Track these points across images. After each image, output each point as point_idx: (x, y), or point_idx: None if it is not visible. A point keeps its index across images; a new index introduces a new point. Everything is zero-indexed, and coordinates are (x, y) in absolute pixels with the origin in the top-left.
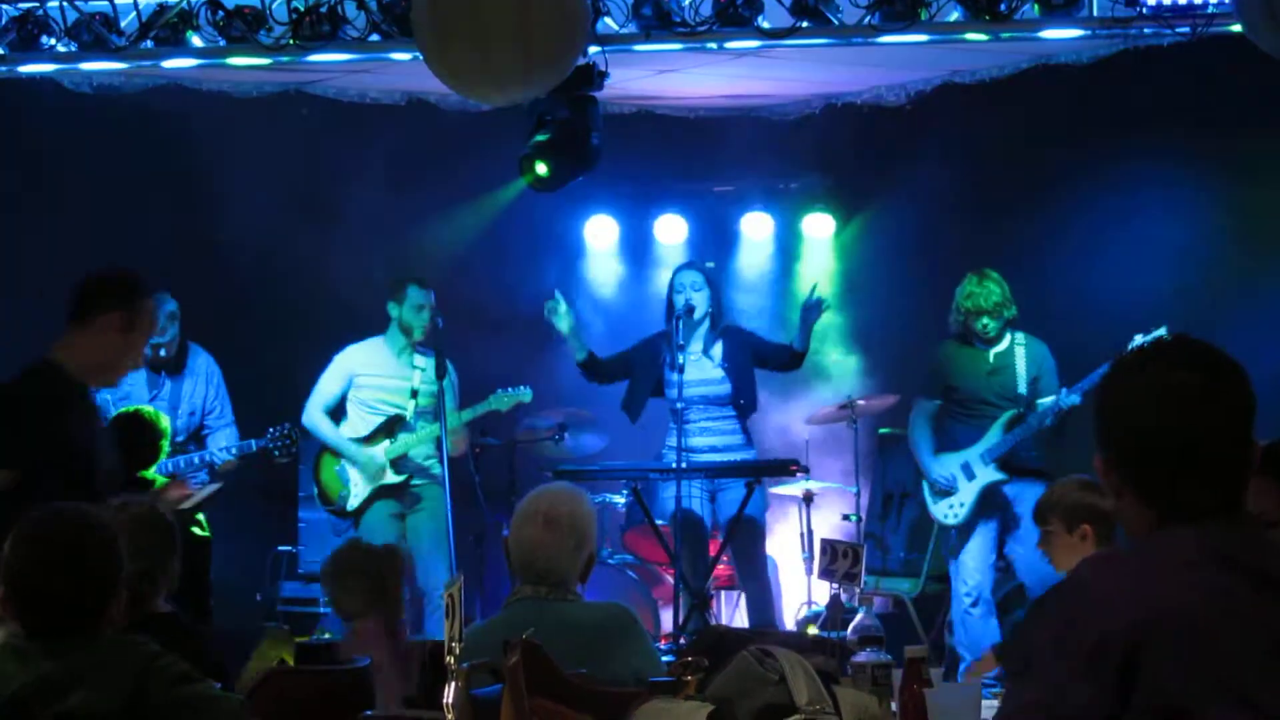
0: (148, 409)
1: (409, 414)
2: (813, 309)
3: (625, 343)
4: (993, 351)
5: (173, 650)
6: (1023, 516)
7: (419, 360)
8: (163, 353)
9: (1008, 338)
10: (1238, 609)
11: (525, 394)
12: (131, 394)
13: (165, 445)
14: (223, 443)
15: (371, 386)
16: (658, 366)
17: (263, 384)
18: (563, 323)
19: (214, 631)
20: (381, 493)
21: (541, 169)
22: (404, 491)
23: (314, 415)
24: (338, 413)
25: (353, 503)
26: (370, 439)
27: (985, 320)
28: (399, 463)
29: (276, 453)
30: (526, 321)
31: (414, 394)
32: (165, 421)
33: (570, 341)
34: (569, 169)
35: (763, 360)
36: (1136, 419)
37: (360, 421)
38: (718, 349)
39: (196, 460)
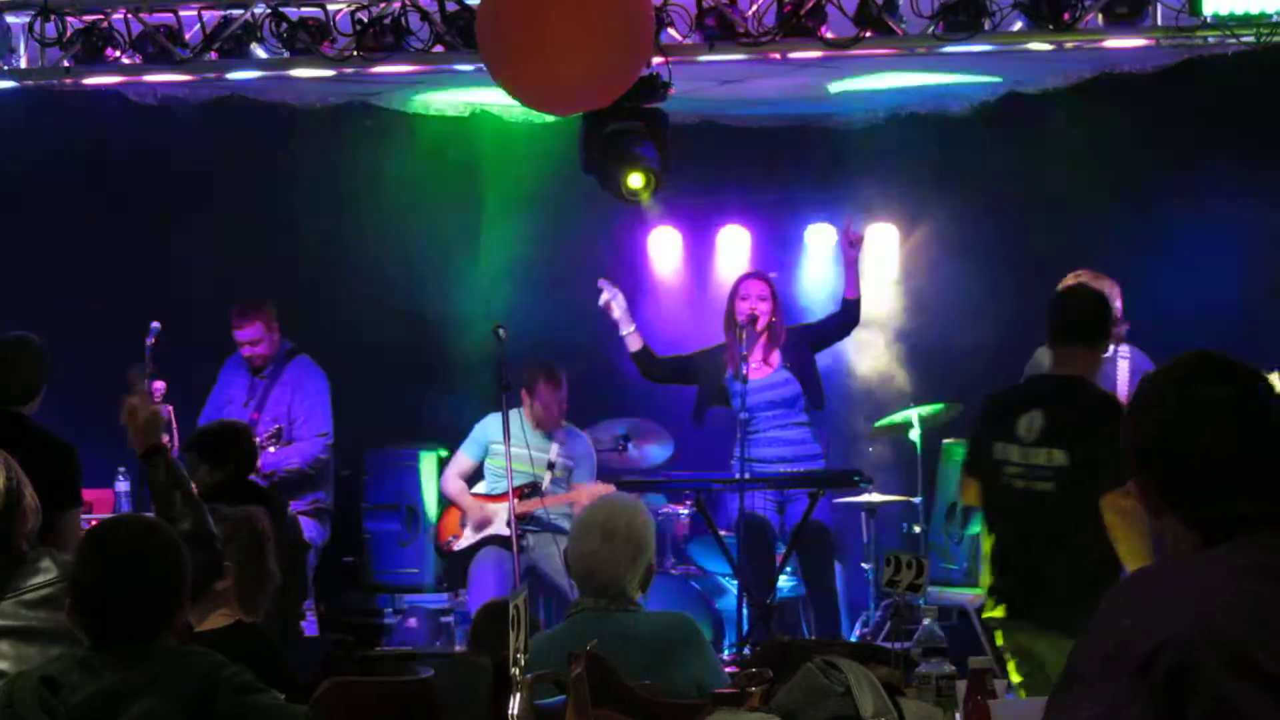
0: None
1: (545, 484)
2: (851, 244)
3: (686, 349)
4: None
5: (246, 660)
6: None
7: (561, 434)
8: (248, 350)
9: (1111, 347)
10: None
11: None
12: (235, 398)
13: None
14: (305, 453)
15: (504, 454)
16: (720, 376)
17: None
18: (616, 310)
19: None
20: (489, 540)
21: (636, 180)
22: (524, 538)
23: (448, 478)
24: (474, 477)
25: (459, 545)
26: (499, 497)
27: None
28: (521, 518)
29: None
30: (589, 331)
31: (551, 466)
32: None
33: (623, 326)
34: (656, 178)
35: (823, 338)
36: (1171, 441)
37: (493, 484)
38: (777, 355)
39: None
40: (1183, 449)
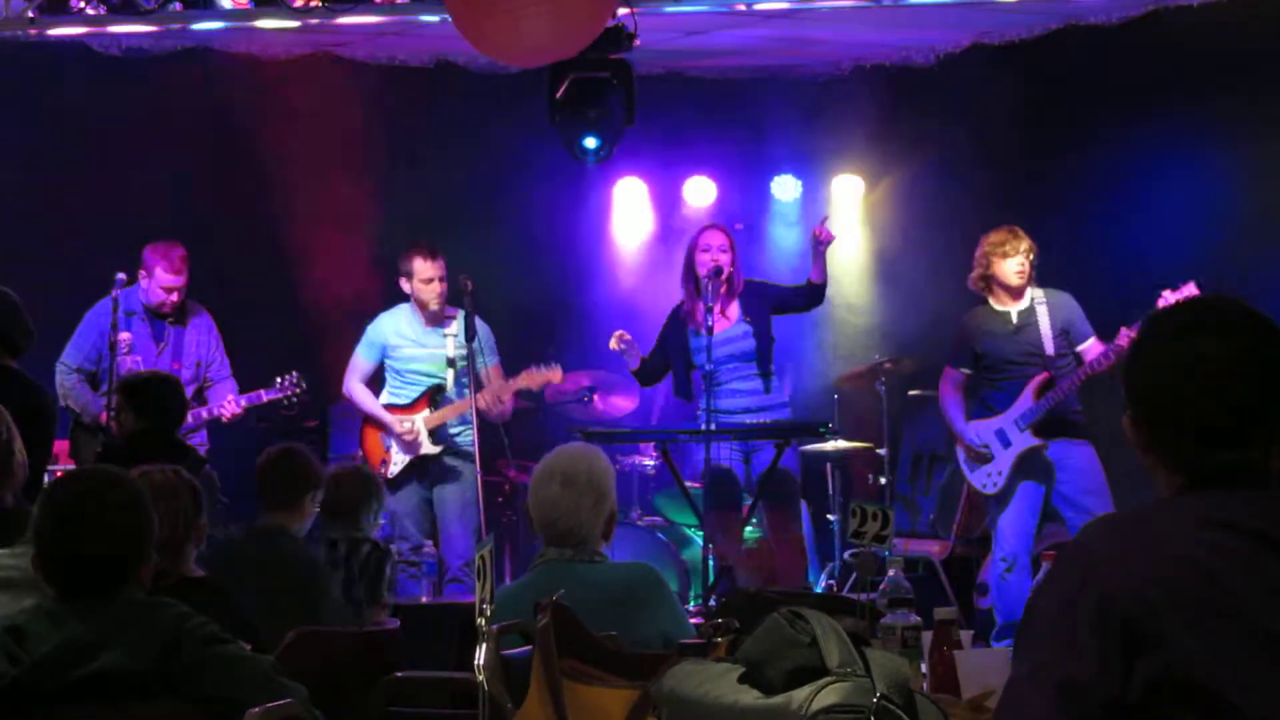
0: (167, 373)
1: (449, 384)
2: (820, 241)
3: (651, 308)
4: (1015, 310)
5: (205, 613)
6: (1068, 480)
7: (451, 326)
8: (174, 297)
9: (1028, 296)
10: (1247, 573)
11: (555, 372)
12: (136, 344)
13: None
14: (226, 396)
15: (404, 357)
16: (685, 339)
17: (285, 346)
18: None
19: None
20: (417, 463)
21: (591, 143)
22: (437, 462)
23: (352, 385)
24: (377, 381)
25: (392, 471)
26: (411, 408)
27: (1017, 261)
28: (436, 433)
29: (284, 403)
30: (555, 283)
31: (451, 363)
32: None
33: (631, 361)
34: (615, 135)
35: (785, 306)
36: (1165, 387)
37: (397, 390)
38: (735, 307)
39: (204, 415)
40: (1166, 398)
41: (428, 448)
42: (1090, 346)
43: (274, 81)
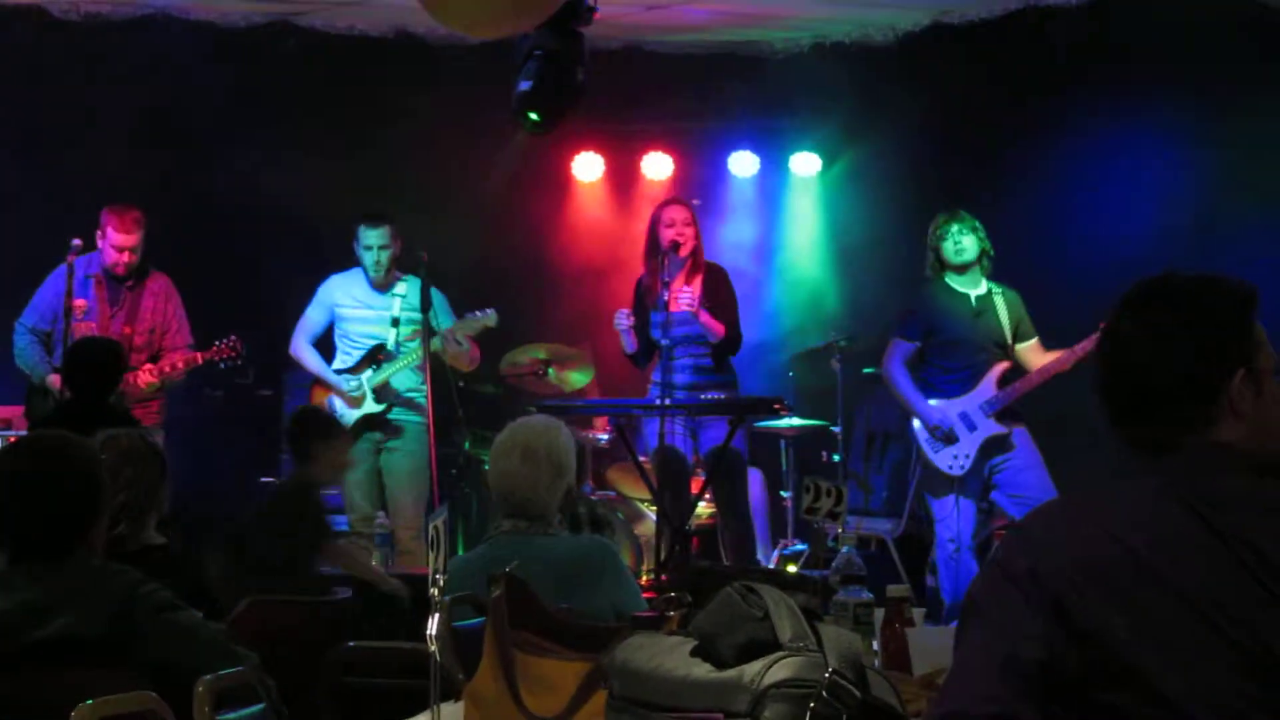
0: (105, 338)
1: (390, 343)
2: (693, 313)
3: (606, 282)
4: (974, 295)
5: (164, 580)
6: (1004, 460)
7: (400, 287)
8: (125, 257)
9: (984, 285)
10: (1177, 552)
11: (490, 318)
12: (92, 306)
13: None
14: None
15: (352, 319)
16: (644, 311)
17: (241, 314)
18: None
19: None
20: (364, 424)
21: (533, 115)
22: (384, 423)
23: (299, 346)
24: (328, 345)
25: None
26: (355, 369)
27: (960, 242)
28: (380, 390)
29: (221, 364)
30: (511, 255)
31: (395, 322)
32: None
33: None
34: (558, 110)
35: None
36: (1115, 360)
37: (346, 353)
38: (699, 287)
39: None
40: (1124, 368)
41: (371, 406)
42: (1033, 346)
43: (232, 49)
